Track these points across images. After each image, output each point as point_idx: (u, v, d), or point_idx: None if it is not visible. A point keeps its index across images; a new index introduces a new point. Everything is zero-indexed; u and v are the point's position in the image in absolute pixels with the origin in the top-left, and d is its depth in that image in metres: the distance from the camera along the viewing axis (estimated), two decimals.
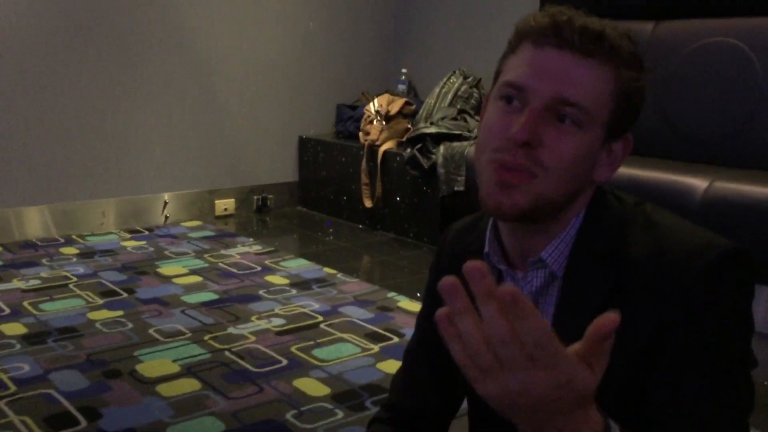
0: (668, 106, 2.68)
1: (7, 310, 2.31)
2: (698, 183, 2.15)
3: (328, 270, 2.84)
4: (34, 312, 2.31)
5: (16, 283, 2.56)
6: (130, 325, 2.23)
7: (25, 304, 2.37)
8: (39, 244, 3.06)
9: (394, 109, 3.55)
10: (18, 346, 2.05)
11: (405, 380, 1.13)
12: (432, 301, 1.11)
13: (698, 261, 0.78)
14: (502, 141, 0.82)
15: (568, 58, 0.81)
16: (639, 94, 0.85)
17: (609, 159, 0.87)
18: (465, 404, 1.06)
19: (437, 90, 3.42)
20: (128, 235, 3.24)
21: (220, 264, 2.87)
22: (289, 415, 1.72)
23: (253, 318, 2.32)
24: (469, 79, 3.45)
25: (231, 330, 2.22)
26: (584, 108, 0.81)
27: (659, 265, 0.79)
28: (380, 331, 2.24)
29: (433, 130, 3.13)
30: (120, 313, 2.32)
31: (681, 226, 0.84)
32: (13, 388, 1.81)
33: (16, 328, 2.17)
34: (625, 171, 2.30)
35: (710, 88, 2.59)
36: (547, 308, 0.89)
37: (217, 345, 2.10)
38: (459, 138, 3.07)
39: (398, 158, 3.34)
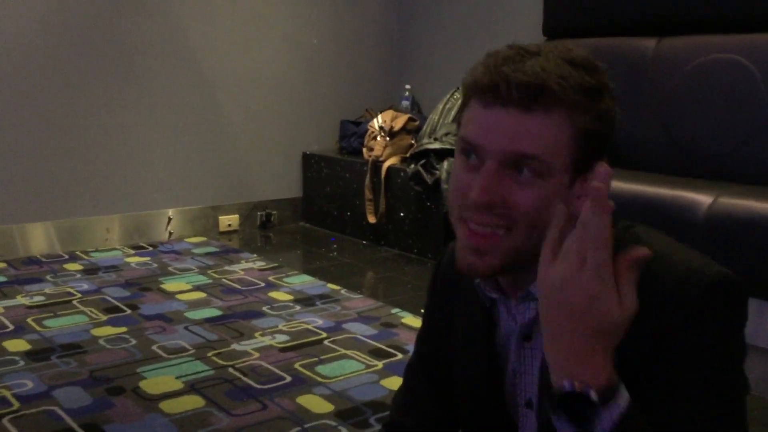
0: (671, 122, 2.69)
1: (11, 327, 2.31)
2: (702, 198, 2.14)
3: (331, 286, 2.84)
4: (38, 328, 2.31)
5: (20, 300, 2.57)
6: (134, 342, 2.23)
7: (29, 320, 2.37)
8: (43, 260, 3.07)
9: (398, 125, 3.57)
10: (21, 363, 2.05)
11: (406, 397, 1.13)
12: (431, 321, 1.12)
13: (690, 289, 0.77)
14: (466, 201, 0.83)
15: (514, 115, 0.80)
16: (605, 122, 0.82)
17: (587, 189, 0.83)
18: None
19: (441, 106, 3.43)
20: (132, 251, 3.25)
21: (224, 280, 2.87)
22: None
23: (257, 334, 2.31)
24: None
25: (234, 346, 2.21)
26: (541, 160, 0.80)
27: (651, 292, 0.77)
28: (384, 347, 2.24)
29: (436, 145, 3.14)
30: (123, 329, 2.32)
31: (672, 251, 0.82)
32: (16, 405, 1.81)
33: (19, 345, 2.17)
34: (628, 187, 2.30)
35: (713, 104, 2.59)
36: (538, 344, 0.88)
37: (220, 361, 2.10)
38: None
39: (402, 174, 3.35)
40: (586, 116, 0.81)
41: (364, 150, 3.60)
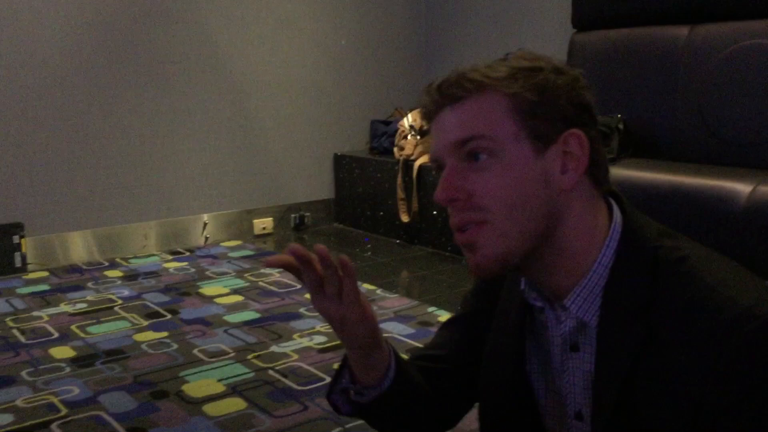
0: (706, 110, 2.64)
1: (56, 334, 2.36)
2: (741, 188, 2.11)
3: (367, 286, 2.85)
4: (82, 335, 2.35)
5: (64, 307, 2.62)
6: (175, 346, 2.26)
7: (73, 327, 2.42)
8: (84, 267, 3.13)
9: None
10: (67, 369, 2.09)
11: (434, 340, 1.12)
12: (466, 312, 1.08)
13: (742, 328, 0.74)
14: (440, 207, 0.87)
15: (448, 111, 0.85)
16: (548, 92, 0.82)
17: (568, 161, 0.83)
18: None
19: None
20: (170, 257, 3.30)
21: (261, 283, 2.90)
22: None
23: (295, 336, 2.33)
24: None
25: (274, 348, 2.23)
26: (487, 136, 0.82)
27: (702, 326, 0.76)
28: (421, 346, 2.23)
29: None
30: (164, 334, 2.36)
31: (721, 280, 0.79)
32: (64, 410, 1.85)
33: (65, 352, 2.22)
34: (666, 178, 2.27)
35: (748, 91, 2.54)
36: (589, 350, 0.86)
37: (260, 364, 2.12)
38: None
39: (433, 172, 3.34)
40: (519, 88, 0.82)
41: (395, 149, 3.61)
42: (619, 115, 2.77)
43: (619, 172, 2.45)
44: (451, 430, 1.10)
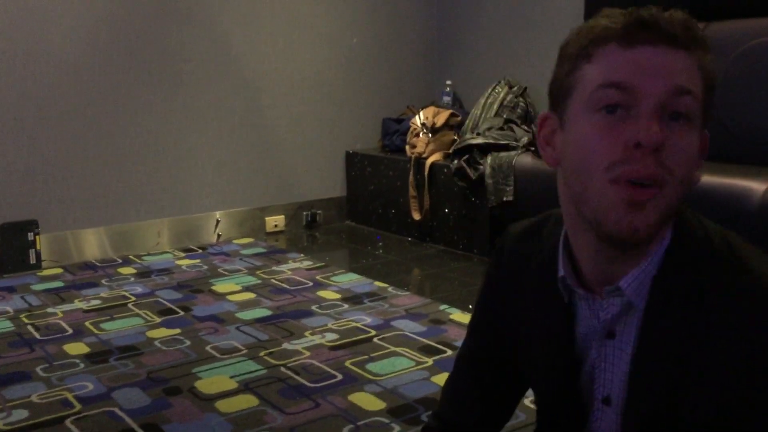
0: (721, 107, 2.63)
1: (70, 331, 2.38)
2: (756, 186, 2.09)
3: (379, 284, 2.85)
4: (96, 331, 2.37)
5: (78, 304, 2.64)
6: (188, 343, 2.27)
7: (87, 324, 2.44)
8: (98, 264, 3.15)
9: (440, 121, 3.56)
10: (81, 365, 2.11)
11: (453, 391, 1.12)
12: (487, 311, 1.07)
13: None
14: (623, 153, 0.76)
15: (665, 51, 0.77)
16: (716, 81, 0.81)
17: (702, 153, 0.82)
18: (513, 418, 1.05)
19: (483, 100, 3.41)
20: (183, 254, 3.31)
21: (273, 280, 2.91)
22: (345, 430, 1.73)
23: (307, 333, 2.34)
24: (515, 89, 3.43)
25: (286, 346, 2.24)
26: (696, 97, 0.77)
27: (755, 318, 0.75)
28: (433, 344, 2.24)
29: (480, 140, 3.13)
30: (177, 331, 2.37)
31: None
32: (78, 406, 1.86)
33: (79, 348, 2.24)
34: None
35: (763, 88, 2.53)
36: (627, 337, 0.85)
37: (272, 361, 2.13)
38: (506, 148, 3.05)
39: (445, 170, 3.35)
40: (710, 65, 0.79)
41: (407, 147, 3.61)
42: None
43: None
44: None
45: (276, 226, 3.75)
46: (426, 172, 3.42)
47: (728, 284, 0.78)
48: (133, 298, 2.70)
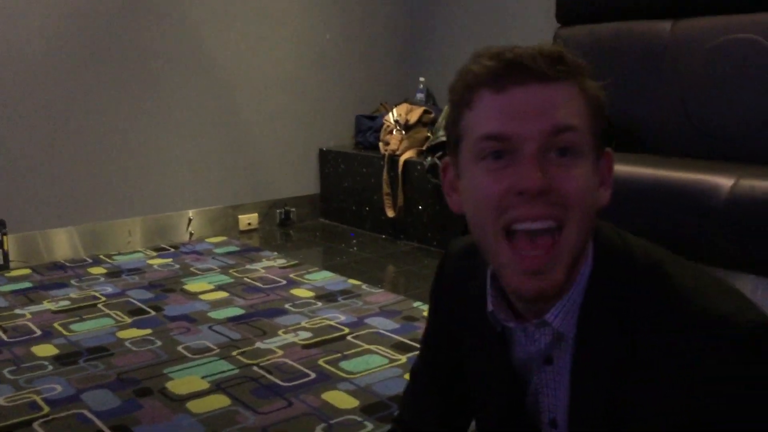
0: (689, 104, 2.66)
1: (39, 332, 2.34)
2: (723, 181, 2.12)
3: (352, 281, 2.84)
4: (65, 332, 2.34)
5: (47, 305, 2.60)
6: (159, 343, 2.25)
7: (56, 325, 2.40)
8: (67, 265, 3.10)
9: (414, 118, 3.56)
10: (50, 367, 2.08)
11: (412, 400, 1.13)
12: (435, 325, 1.10)
13: (727, 335, 0.72)
14: (509, 199, 0.75)
15: (535, 89, 0.75)
16: (604, 102, 0.79)
17: (602, 180, 0.81)
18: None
19: None
20: (154, 253, 3.28)
21: (246, 279, 2.89)
22: (318, 429, 1.73)
23: (280, 332, 2.33)
24: None
25: (258, 345, 2.23)
26: (578, 130, 0.76)
27: (683, 335, 0.74)
28: (407, 341, 2.24)
29: None
30: (148, 331, 2.35)
31: (703, 289, 0.78)
32: (46, 409, 1.83)
33: (47, 350, 2.20)
34: (647, 171, 2.28)
35: (732, 85, 2.56)
36: (563, 363, 0.85)
37: (245, 360, 2.11)
38: None
39: (419, 167, 3.35)
40: (594, 88, 0.78)
41: (381, 144, 3.60)
42: None
43: None
44: None
45: (249, 224, 3.73)
46: (400, 170, 3.42)
47: (654, 301, 0.77)
48: (104, 299, 2.66)
